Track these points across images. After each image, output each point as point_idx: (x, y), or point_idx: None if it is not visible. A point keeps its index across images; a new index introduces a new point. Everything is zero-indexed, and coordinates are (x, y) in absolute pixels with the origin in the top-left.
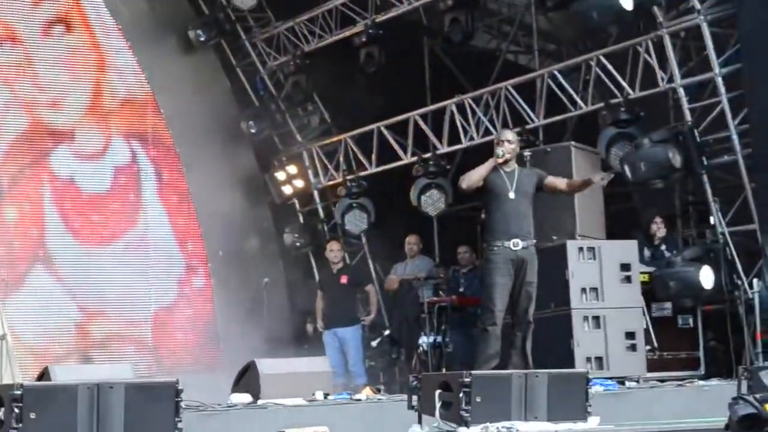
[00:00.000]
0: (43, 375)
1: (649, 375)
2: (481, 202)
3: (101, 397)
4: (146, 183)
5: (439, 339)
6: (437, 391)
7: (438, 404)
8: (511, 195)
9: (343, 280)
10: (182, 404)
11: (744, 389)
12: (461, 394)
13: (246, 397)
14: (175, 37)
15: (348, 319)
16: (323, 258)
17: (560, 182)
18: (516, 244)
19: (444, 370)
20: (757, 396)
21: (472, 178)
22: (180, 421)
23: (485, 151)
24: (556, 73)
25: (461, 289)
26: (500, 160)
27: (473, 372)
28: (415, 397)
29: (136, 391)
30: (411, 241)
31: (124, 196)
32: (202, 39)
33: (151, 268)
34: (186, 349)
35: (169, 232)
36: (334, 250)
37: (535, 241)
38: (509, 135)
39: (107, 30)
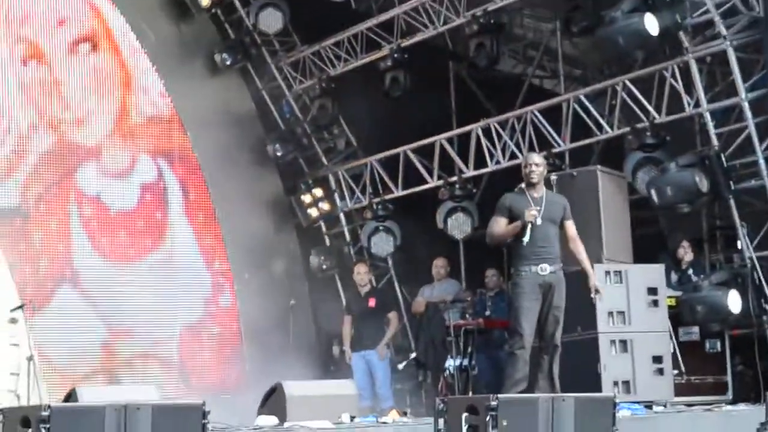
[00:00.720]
0: (70, 396)
1: (677, 399)
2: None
3: (128, 419)
4: (173, 200)
5: (466, 362)
6: (464, 415)
7: (465, 428)
8: (539, 221)
9: (371, 303)
10: (209, 426)
11: None
12: (488, 418)
13: (272, 419)
14: (201, 60)
15: (376, 341)
16: (349, 281)
17: (571, 235)
18: (543, 269)
19: (470, 394)
20: None
21: (497, 239)
22: None
23: (512, 175)
24: (581, 97)
25: (488, 312)
26: (530, 219)
27: (500, 396)
28: (441, 421)
29: (164, 412)
30: (439, 264)
31: (151, 213)
32: (228, 62)
33: (177, 286)
34: (212, 369)
35: (195, 250)
36: (361, 273)
37: (561, 265)
38: (537, 158)
39: (133, 51)
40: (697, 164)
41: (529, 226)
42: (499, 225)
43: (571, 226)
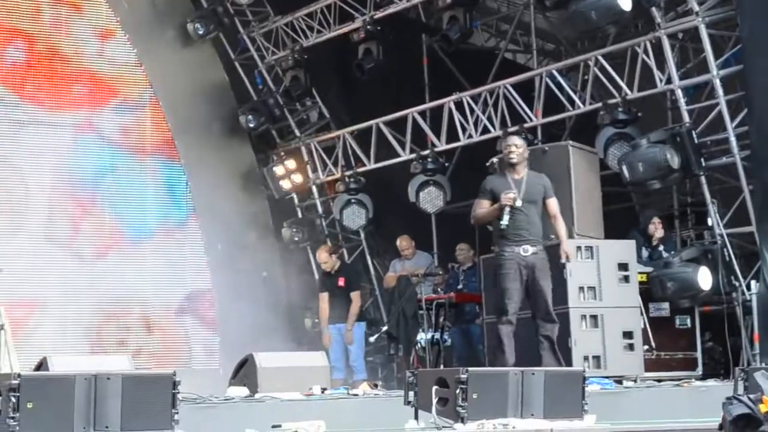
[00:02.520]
0: (41, 365)
1: (647, 375)
2: None
3: (98, 388)
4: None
5: (437, 335)
6: (434, 387)
7: (434, 400)
8: (519, 203)
9: (341, 282)
10: (179, 396)
11: (740, 390)
12: (458, 391)
13: (243, 391)
14: (174, 29)
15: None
16: None
17: (552, 213)
18: (526, 250)
19: (442, 367)
20: (751, 396)
21: (480, 220)
22: (177, 412)
23: (484, 149)
24: (554, 72)
25: (460, 286)
26: (509, 202)
27: (470, 369)
28: (411, 393)
29: (134, 382)
30: (403, 246)
31: None
32: (201, 32)
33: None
34: (185, 342)
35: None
36: (322, 259)
37: (542, 246)
38: (516, 140)
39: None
40: (669, 141)
41: (507, 209)
42: (482, 207)
43: (552, 204)
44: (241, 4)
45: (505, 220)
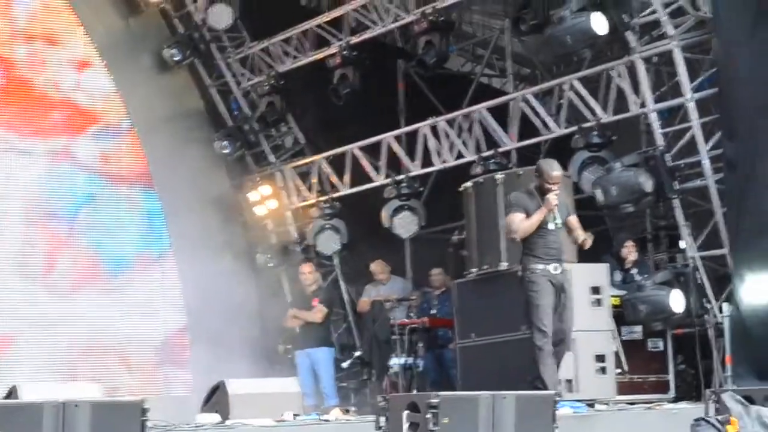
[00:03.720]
0: (11, 393)
1: (619, 398)
2: None
3: (67, 416)
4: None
5: (410, 360)
6: (405, 412)
7: (406, 425)
8: (551, 226)
9: (315, 302)
10: (148, 423)
11: (711, 412)
12: (429, 415)
13: (214, 417)
14: (150, 55)
15: (321, 340)
16: (296, 279)
17: (573, 226)
18: (556, 268)
19: (415, 391)
20: (719, 418)
21: (526, 229)
22: None
23: (458, 174)
24: (529, 96)
25: (433, 311)
26: (552, 206)
27: (441, 393)
28: (383, 418)
29: (103, 410)
30: (377, 270)
31: None
32: (177, 58)
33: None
34: (162, 377)
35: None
36: (305, 273)
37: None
38: (559, 170)
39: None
40: (642, 164)
41: (553, 214)
42: (521, 218)
43: (574, 220)
44: (217, 30)
45: (558, 220)
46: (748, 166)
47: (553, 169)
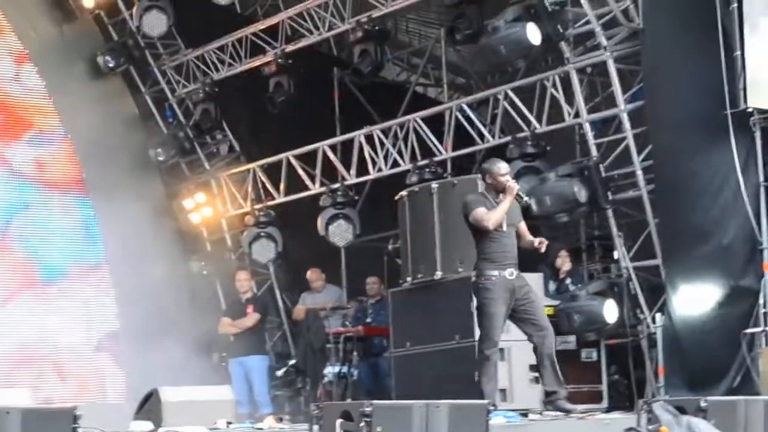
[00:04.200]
0: None
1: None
2: (473, 233)
3: None
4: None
5: (345, 369)
6: (338, 421)
7: None
8: (504, 227)
9: (249, 309)
10: (80, 431)
11: (644, 422)
12: (362, 424)
13: (146, 425)
14: (84, 62)
15: (254, 348)
16: (230, 287)
17: (523, 232)
18: (511, 274)
19: (349, 400)
20: (650, 428)
21: (498, 218)
22: None
23: (393, 183)
24: (464, 106)
25: (368, 320)
26: (517, 188)
27: (374, 402)
28: (316, 427)
29: (33, 416)
30: (312, 278)
31: None
32: (111, 65)
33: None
34: (98, 387)
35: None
36: (241, 280)
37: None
38: (506, 166)
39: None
40: (576, 174)
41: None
42: (486, 210)
43: (523, 227)
44: (152, 37)
45: (525, 198)
46: (674, 179)
47: (497, 163)
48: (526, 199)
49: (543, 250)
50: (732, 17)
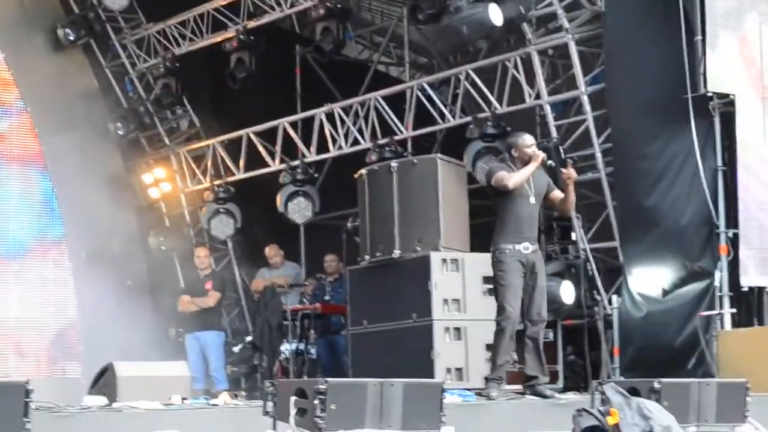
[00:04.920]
0: None
1: (508, 387)
2: (495, 203)
3: None
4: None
5: (302, 346)
6: (292, 398)
7: (293, 411)
8: (531, 200)
9: (208, 285)
10: (32, 405)
11: (598, 403)
12: (316, 401)
13: (101, 400)
14: (44, 34)
15: (210, 324)
16: (188, 262)
17: (559, 193)
18: (527, 248)
19: (305, 377)
20: (601, 408)
21: (521, 177)
22: (29, 422)
23: (353, 161)
24: (425, 85)
25: (327, 297)
26: (543, 155)
27: (329, 379)
28: (270, 404)
29: None
30: (270, 254)
31: None
32: (71, 38)
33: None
34: (47, 352)
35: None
36: (200, 257)
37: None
38: (531, 138)
39: None
40: None
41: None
42: (507, 172)
43: (557, 193)
44: (113, 10)
45: (549, 162)
46: (631, 162)
47: (522, 136)
48: (550, 162)
49: (572, 177)
50: (693, 2)
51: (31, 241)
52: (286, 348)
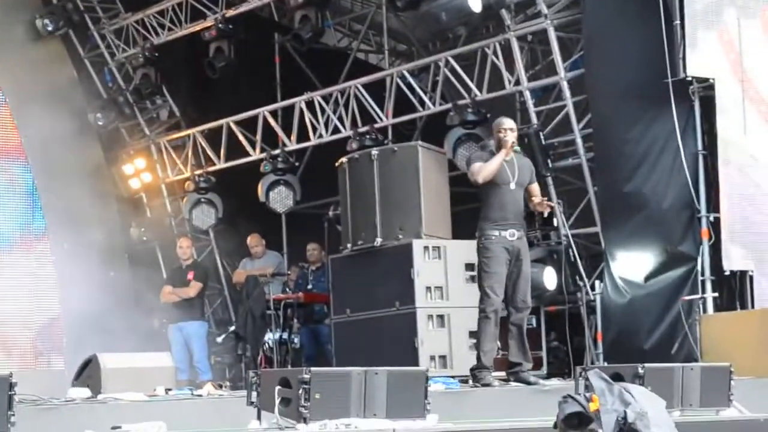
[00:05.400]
0: None
1: (492, 374)
2: (478, 189)
3: None
4: None
5: (285, 336)
6: (276, 388)
7: (277, 400)
8: (512, 186)
9: (190, 276)
10: (16, 398)
11: (581, 389)
12: (300, 391)
13: (85, 392)
14: (22, 25)
15: (193, 314)
16: (170, 252)
17: (535, 190)
18: (512, 234)
19: (289, 367)
20: (586, 395)
21: (489, 170)
22: (13, 414)
23: (334, 149)
24: (405, 73)
25: (309, 286)
26: (512, 149)
27: (313, 369)
28: (254, 394)
29: None
30: (252, 244)
31: None
32: (50, 28)
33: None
34: (30, 345)
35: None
36: (183, 247)
37: (524, 231)
38: (511, 123)
39: None
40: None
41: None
42: (481, 164)
43: (536, 188)
44: (91, 0)
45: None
46: (612, 147)
47: (501, 119)
48: (517, 148)
49: (546, 210)
50: None
51: (16, 234)
52: (270, 337)
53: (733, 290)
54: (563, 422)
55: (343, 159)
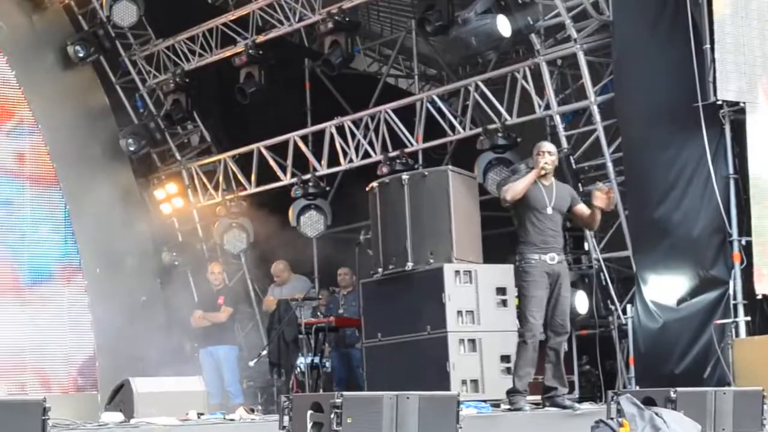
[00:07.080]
0: None
1: (527, 398)
2: (515, 215)
3: None
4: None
5: (317, 360)
6: (309, 412)
7: (309, 425)
8: (549, 210)
9: (220, 301)
10: (50, 423)
11: (614, 413)
12: (332, 415)
13: (118, 416)
14: (54, 52)
15: (224, 339)
16: (201, 277)
17: (586, 210)
18: (552, 258)
19: (321, 391)
20: (618, 419)
21: (517, 189)
22: None
23: (364, 174)
24: (435, 97)
25: (340, 311)
26: (544, 172)
27: (345, 393)
28: (286, 418)
29: (2, 409)
30: (276, 272)
31: None
32: (81, 55)
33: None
34: (64, 370)
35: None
36: (214, 272)
37: (564, 256)
38: (550, 147)
39: None
40: None
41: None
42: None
43: (582, 208)
44: (122, 27)
45: (542, 163)
46: (642, 171)
47: (543, 143)
48: (553, 207)
49: (611, 203)
50: (701, 10)
51: (53, 266)
52: (302, 362)
53: (766, 314)
54: None
55: (374, 183)
